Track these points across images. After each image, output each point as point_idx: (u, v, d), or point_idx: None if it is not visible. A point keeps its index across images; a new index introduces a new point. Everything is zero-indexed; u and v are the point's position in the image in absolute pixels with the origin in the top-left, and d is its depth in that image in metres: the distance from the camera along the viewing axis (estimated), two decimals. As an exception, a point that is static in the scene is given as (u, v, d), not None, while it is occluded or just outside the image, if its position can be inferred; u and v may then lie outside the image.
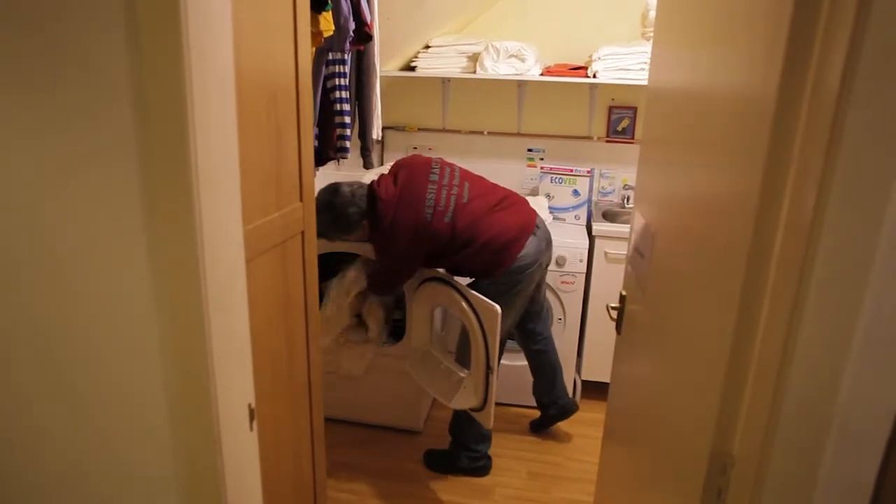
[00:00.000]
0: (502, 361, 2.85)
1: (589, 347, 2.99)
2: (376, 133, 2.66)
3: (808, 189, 0.65)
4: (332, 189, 2.31)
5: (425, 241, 2.23)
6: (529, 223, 2.30)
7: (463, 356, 2.37)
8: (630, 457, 1.38)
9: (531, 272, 2.28)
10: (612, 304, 1.58)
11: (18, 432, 1.02)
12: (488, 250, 2.23)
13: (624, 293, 1.51)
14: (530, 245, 2.26)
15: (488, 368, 2.10)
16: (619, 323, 1.53)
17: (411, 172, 2.29)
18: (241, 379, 1.04)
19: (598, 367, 2.99)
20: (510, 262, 2.24)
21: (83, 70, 0.84)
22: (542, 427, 2.81)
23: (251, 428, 1.07)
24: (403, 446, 2.70)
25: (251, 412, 1.06)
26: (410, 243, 2.22)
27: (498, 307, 2.03)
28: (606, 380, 2.85)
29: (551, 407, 2.71)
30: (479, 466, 2.50)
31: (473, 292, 2.13)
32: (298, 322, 1.58)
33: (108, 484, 1.03)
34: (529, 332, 2.61)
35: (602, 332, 2.91)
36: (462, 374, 2.29)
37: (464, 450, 2.47)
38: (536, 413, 2.82)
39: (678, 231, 1.11)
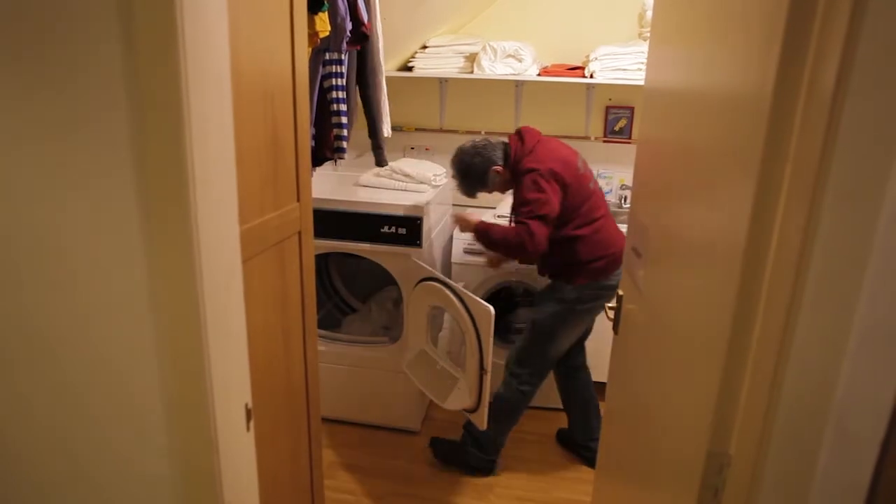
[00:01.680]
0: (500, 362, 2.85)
1: (587, 347, 2.98)
2: (387, 130, 2.65)
3: (803, 188, 0.65)
4: (458, 149, 2.33)
5: (571, 178, 2.16)
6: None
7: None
8: (627, 456, 1.38)
9: (611, 295, 2.24)
10: (610, 304, 1.58)
11: (16, 431, 1.02)
12: (597, 246, 2.18)
13: (621, 292, 1.51)
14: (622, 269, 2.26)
15: (482, 369, 2.10)
16: (616, 322, 1.53)
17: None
18: (238, 379, 1.04)
19: (596, 366, 2.98)
20: (606, 276, 2.19)
21: (78, 71, 0.83)
22: (566, 445, 2.70)
23: (248, 428, 1.07)
24: (401, 446, 2.70)
25: (248, 412, 1.06)
26: (560, 168, 2.15)
27: (491, 308, 2.02)
28: (604, 379, 2.84)
29: (584, 449, 2.58)
30: (486, 467, 2.48)
31: (468, 293, 2.13)
32: (296, 322, 1.58)
33: (105, 483, 1.03)
34: (571, 357, 2.54)
35: (600, 331, 2.91)
36: (457, 375, 2.29)
37: (477, 449, 2.44)
38: (536, 412, 2.80)
39: (674, 230, 1.11)
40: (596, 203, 2.25)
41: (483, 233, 2.28)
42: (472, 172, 2.31)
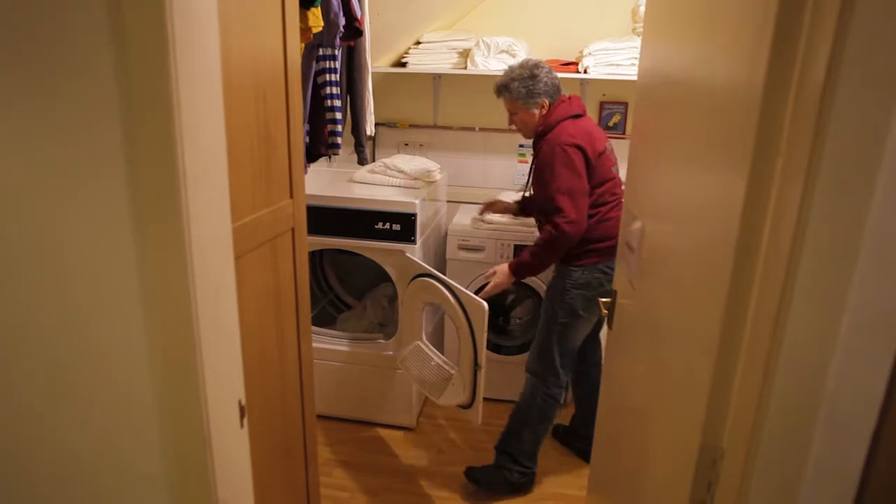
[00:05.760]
0: (493, 355, 2.86)
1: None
2: (370, 129, 2.66)
3: (794, 182, 0.65)
4: (534, 61, 2.31)
5: (594, 157, 2.15)
6: None
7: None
8: (621, 451, 1.39)
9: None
10: (604, 299, 1.58)
11: (10, 429, 1.02)
12: (611, 226, 2.15)
13: (615, 288, 1.51)
14: None
15: (476, 365, 2.10)
16: (610, 318, 1.54)
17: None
18: (231, 375, 1.03)
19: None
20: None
21: (68, 71, 0.83)
22: (563, 440, 2.70)
23: (241, 425, 1.06)
24: (396, 443, 2.70)
25: (241, 409, 1.06)
26: (581, 141, 2.13)
27: (485, 304, 2.03)
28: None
29: (586, 441, 2.35)
30: (527, 482, 2.41)
31: (462, 289, 2.14)
32: (289, 319, 1.57)
33: (100, 480, 1.02)
34: (587, 355, 2.51)
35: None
36: (451, 371, 2.30)
37: (515, 464, 2.37)
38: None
39: (667, 225, 1.11)
40: (614, 188, 2.24)
41: (518, 266, 2.24)
42: (514, 83, 2.27)
